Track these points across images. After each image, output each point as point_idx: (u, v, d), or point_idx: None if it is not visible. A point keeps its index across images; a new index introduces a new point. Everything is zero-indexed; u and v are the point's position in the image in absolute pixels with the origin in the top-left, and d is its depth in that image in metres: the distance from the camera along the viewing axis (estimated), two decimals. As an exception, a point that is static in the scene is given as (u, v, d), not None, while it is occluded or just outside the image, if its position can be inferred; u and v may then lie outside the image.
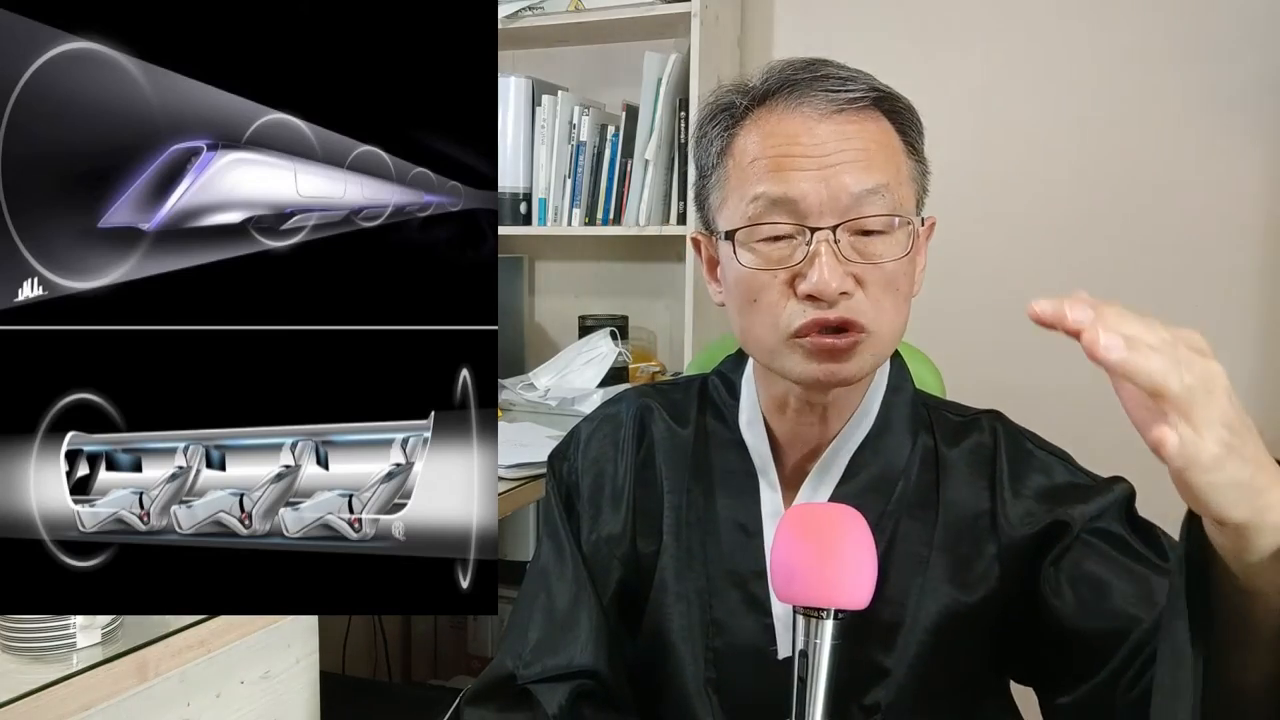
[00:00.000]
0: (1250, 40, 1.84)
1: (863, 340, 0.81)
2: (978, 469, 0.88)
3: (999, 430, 0.91)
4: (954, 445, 0.90)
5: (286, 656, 0.99)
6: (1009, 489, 0.87)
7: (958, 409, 0.95)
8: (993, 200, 2.02)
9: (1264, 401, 1.88)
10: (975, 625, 0.85)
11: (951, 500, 0.87)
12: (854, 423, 0.89)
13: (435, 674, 2.37)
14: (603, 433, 0.99)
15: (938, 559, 0.85)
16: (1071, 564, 0.81)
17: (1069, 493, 0.86)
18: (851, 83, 0.83)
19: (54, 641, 0.80)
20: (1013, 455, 0.89)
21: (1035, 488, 0.87)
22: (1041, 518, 0.84)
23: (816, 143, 0.81)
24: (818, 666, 0.72)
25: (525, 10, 2.11)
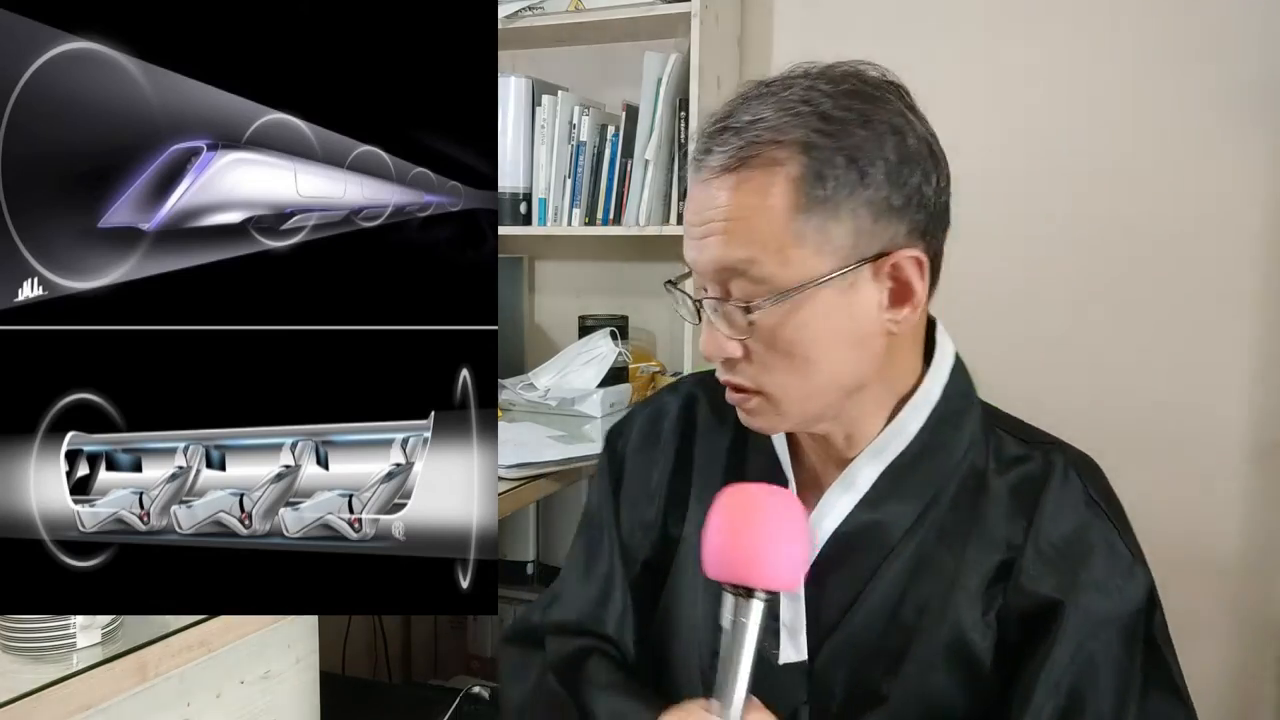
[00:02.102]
0: (1250, 40, 1.84)
1: (758, 402, 0.81)
2: (1019, 504, 0.82)
3: (1056, 464, 0.83)
4: (1003, 474, 0.84)
5: (286, 656, 0.99)
6: (1038, 538, 0.81)
7: (1025, 433, 0.88)
8: (992, 201, 2.01)
9: (1264, 401, 1.88)
10: (981, 670, 0.81)
11: (984, 534, 0.82)
12: (883, 442, 0.84)
13: (435, 674, 2.37)
14: (652, 421, 0.99)
15: (958, 593, 0.81)
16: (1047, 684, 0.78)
17: (1085, 565, 0.80)
18: (734, 138, 0.76)
19: (54, 641, 0.80)
20: (1058, 499, 0.82)
21: (1060, 542, 0.81)
22: (1043, 590, 0.80)
23: (698, 209, 0.79)
24: (741, 645, 0.73)
25: (525, 10, 2.11)
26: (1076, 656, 0.78)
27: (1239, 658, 1.93)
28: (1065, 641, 0.78)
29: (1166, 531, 1.95)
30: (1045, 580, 0.80)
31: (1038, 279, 2.00)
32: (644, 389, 2.14)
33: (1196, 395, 1.91)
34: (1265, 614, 1.90)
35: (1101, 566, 0.80)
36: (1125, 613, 0.80)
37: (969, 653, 0.81)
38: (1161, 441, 1.93)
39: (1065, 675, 0.78)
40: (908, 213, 0.77)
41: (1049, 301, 1.99)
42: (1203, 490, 1.91)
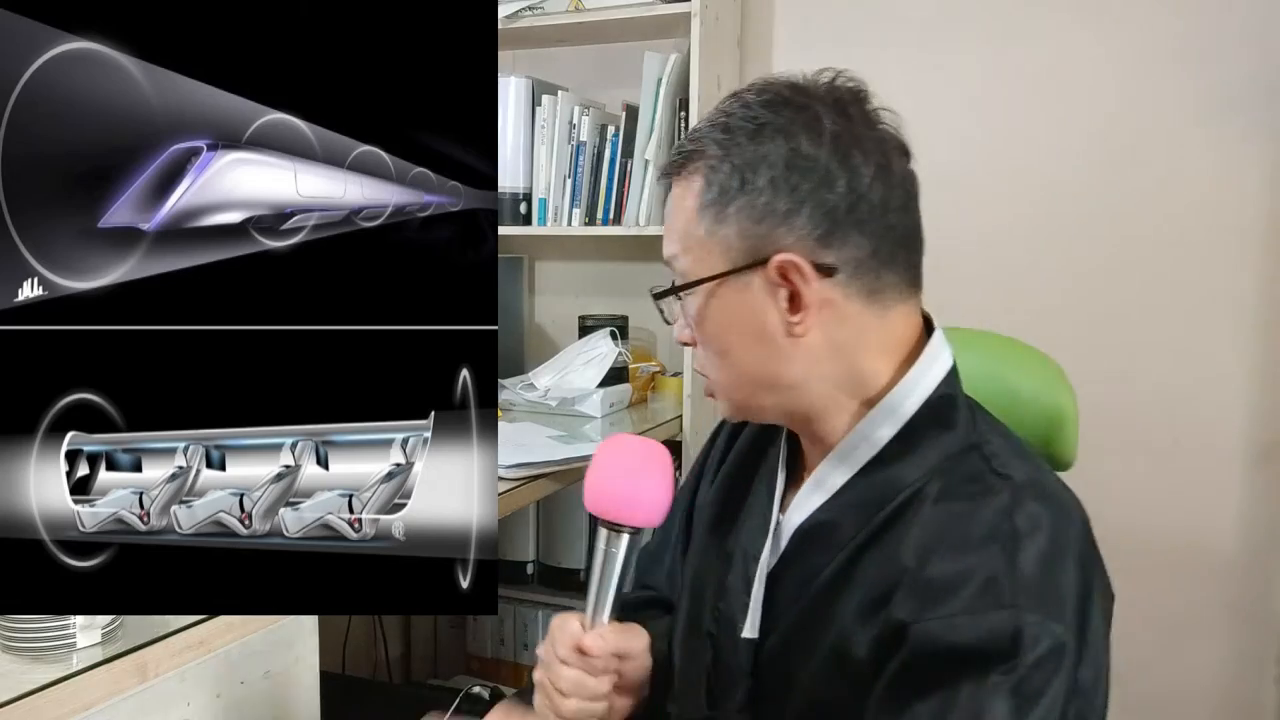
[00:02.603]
0: (1250, 41, 1.84)
1: (712, 388, 0.89)
2: (935, 532, 0.79)
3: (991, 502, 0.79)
4: (941, 499, 0.81)
5: (286, 656, 0.99)
6: (928, 565, 0.77)
7: (1004, 460, 0.83)
8: (990, 201, 2.02)
9: (1264, 401, 1.88)
10: (861, 686, 0.79)
11: (894, 556, 0.80)
12: (849, 446, 0.85)
13: (435, 674, 2.37)
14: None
15: (854, 605, 0.81)
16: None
17: (953, 596, 0.75)
18: (676, 151, 0.86)
19: (54, 641, 0.80)
20: (965, 535, 0.78)
21: (949, 574, 0.76)
22: (909, 612, 0.76)
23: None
24: (609, 574, 0.87)
25: (525, 10, 2.11)
26: (907, 681, 0.75)
27: (1239, 657, 1.93)
28: (901, 664, 0.76)
29: (1166, 531, 1.96)
30: (906, 606, 0.77)
31: (1036, 279, 2.00)
32: (644, 389, 2.14)
33: (1196, 395, 1.91)
34: (1265, 613, 1.91)
35: (965, 599, 0.74)
36: (971, 648, 0.73)
37: (852, 666, 0.80)
38: (1161, 441, 1.94)
39: (889, 699, 0.76)
40: (797, 218, 0.79)
41: (1048, 301, 1.99)
42: (1202, 490, 1.91)
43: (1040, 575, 0.75)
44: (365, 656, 2.17)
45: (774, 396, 0.86)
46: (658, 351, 2.29)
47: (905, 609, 0.76)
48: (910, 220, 0.84)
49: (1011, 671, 0.72)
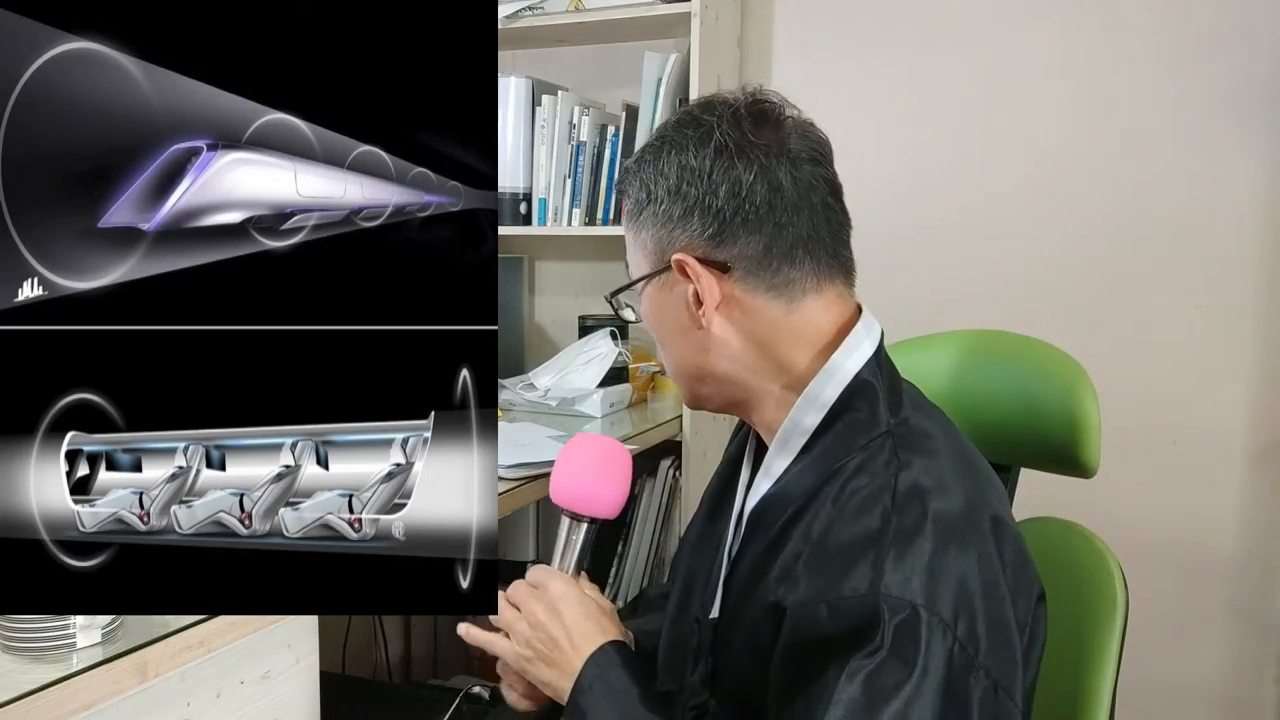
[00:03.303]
0: (1250, 40, 1.84)
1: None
2: (829, 516, 0.82)
3: (884, 487, 0.81)
4: (844, 482, 0.83)
5: (286, 656, 0.99)
6: (812, 551, 0.80)
7: (910, 444, 0.84)
8: (990, 201, 2.02)
9: (1264, 401, 1.88)
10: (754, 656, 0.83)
11: (798, 537, 0.83)
12: (784, 435, 0.90)
13: (435, 674, 2.37)
14: None
15: (766, 585, 0.83)
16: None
17: (827, 570, 0.77)
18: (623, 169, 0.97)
19: (54, 641, 0.80)
20: (853, 521, 0.80)
21: (820, 558, 0.79)
22: (785, 591, 0.79)
23: None
24: (570, 558, 1.00)
25: (525, 10, 2.11)
26: (783, 670, 0.77)
27: (1239, 658, 1.93)
28: (778, 650, 0.78)
29: (1166, 531, 1.96)
30: (789, 591, 0.79)
31: (1036, 279, 2.00)
32: (644, 389, 2.14)
33: (1196, 395, 1.91)
34: (1265, 614, 1.91)
35: (841, 584, 0.76)
36: (835, 633, 0.75)
37: (759, 645, 0.82)
38: (1162, 442, 1.94)
39: (777, 688, 0.78)
40: (689, 222, 0.88)
41: (1048, 301, 1.99)
42: (1203, 490, 1.92)
43: (911, 562, 0.75)
44: (365, 656, 2.17)
45: (709, 387, 0.94)
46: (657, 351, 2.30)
47: (782, 590, 0.80)
48: (815, 218, 0.88)
49: (871, 655, 0.72)
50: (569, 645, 0.93)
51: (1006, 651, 0.77)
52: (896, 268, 1.96)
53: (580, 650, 0.92)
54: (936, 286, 1.99)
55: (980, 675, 0.74)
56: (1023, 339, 1.19)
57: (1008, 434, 1.10)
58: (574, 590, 0.97)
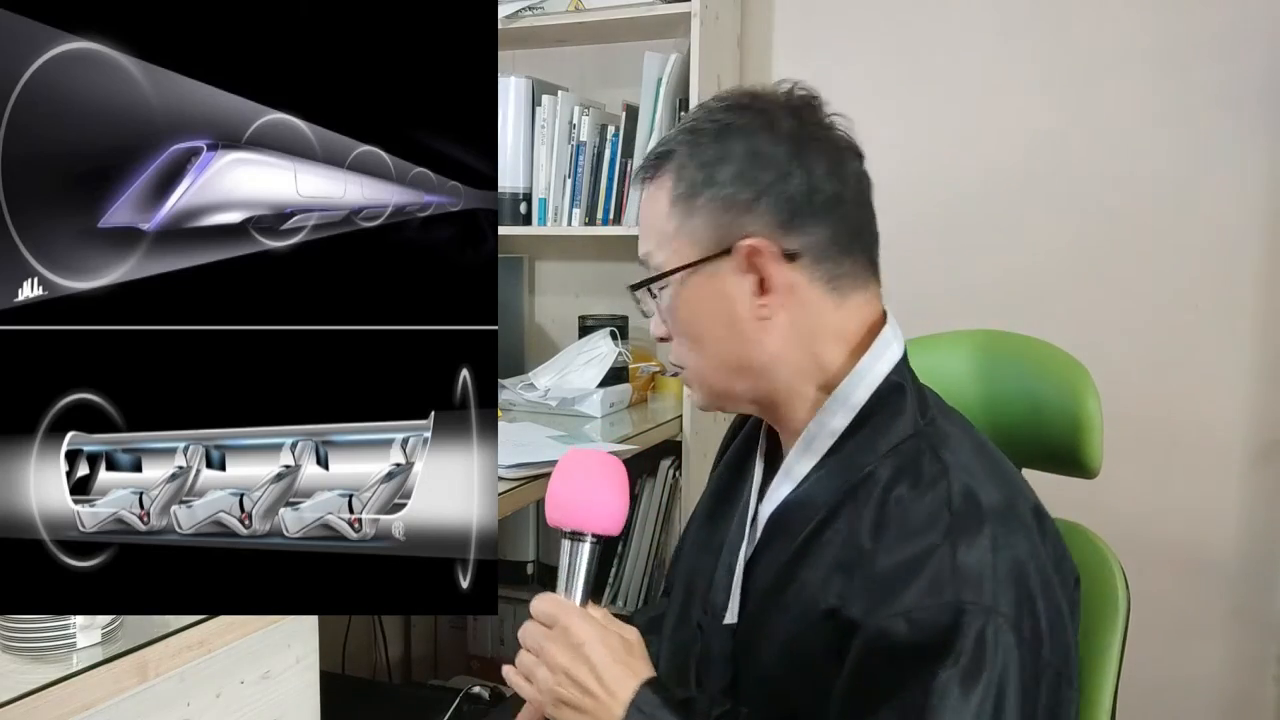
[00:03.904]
0: (1250, 40, 1.84)
1: (684, 376, 0.94)
2: (879, 521, 0.82)
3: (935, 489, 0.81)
4: (887, 487, 0.82)
5: (286, 656, 0.99)
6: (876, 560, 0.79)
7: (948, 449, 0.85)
8: (990, 200, 2.02)
9: (1264, 401, 1.88)
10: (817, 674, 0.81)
11: (846, 543, 0.82)
12: (809, 435, 0.89)
13: (435, 674, 2.37)
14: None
15: (807, 593, 0.83)
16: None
17: (904, 587, 0.77)
18: (648, 155, 0.91)
19: (54, 641, 0.80)
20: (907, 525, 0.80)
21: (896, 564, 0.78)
22: (862, 608, 0.78)
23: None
24: (575, 583, 0.88)
25: (525, 10, 2.11)
26: (862, 682, 0.77)
27: (1239, 658, 1.93)
28: (853, 663, 0.77)
29: (1166, 531, 1.96)
30: (856, 601, 0.78)
31: (1036, 279, 2.00)
32: (644, 389, 2.14)
33: (1196, 395, 1.91)
34: (1265, 614, 1.91)
35: (909, 596, 0.76)
36: (913, 645, 0.75)
37: (805, 654, 0.82)
38: (1161, 442, 1.94)
39: (851, 700, 0.77)
40: (759, 206, 0.85)
41: (1047, 301, 1.98)
42: (1203, 490, 1.91)
43: (977, 563, 0.76)
44: (365, 656, 2.17)
45: (745, 382, 0.90)
46: (658, 351, 2.30)
47: (857, 606, 0.78)
48: (863, 215, 0.90)
49: (955, 663, 0.73)
50: (603, 693, 0.84)
51: (1063, 640, 0.79)
52: (895, 267, 1.95)
53: (617, 697, 0.83)
54: (934, 286, 1.99)
55: (1047, 669, 0.76)
56: (1024, 339, 1.19)
57: (1010, 434, 1.10)
58: (593, 627, 0.86)
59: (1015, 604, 0.76)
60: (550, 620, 0.87)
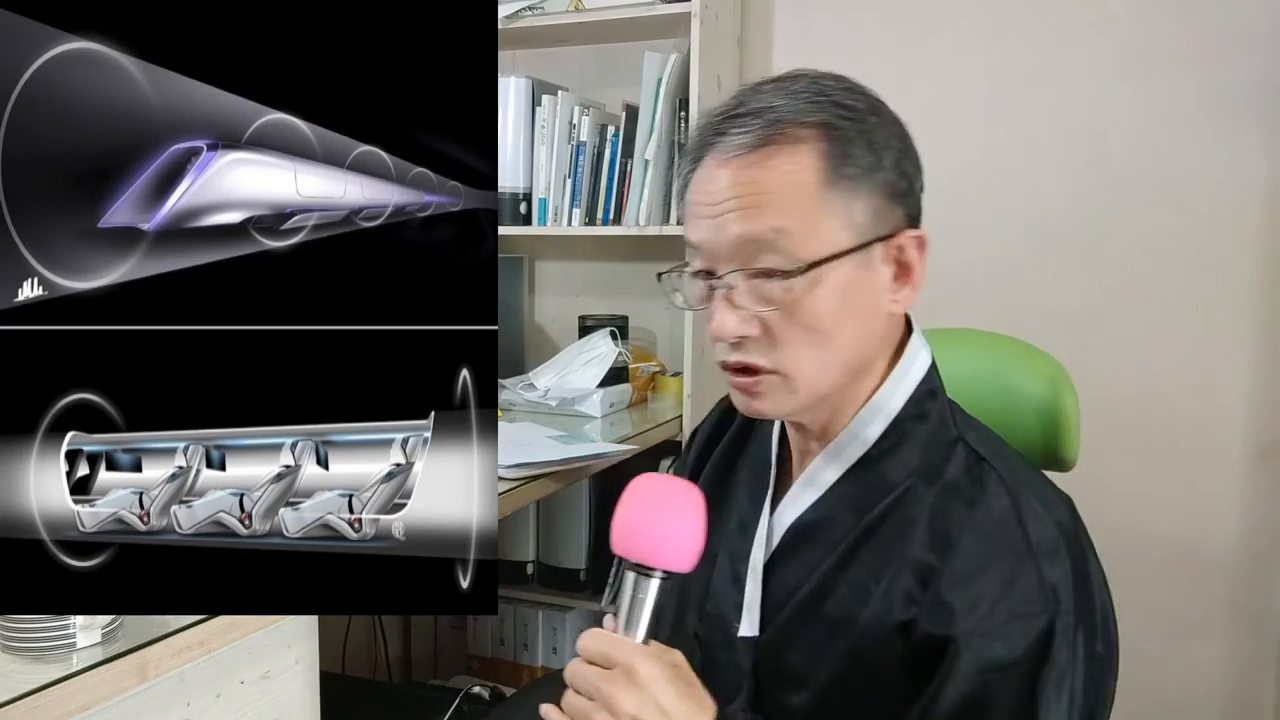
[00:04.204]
0: (1251, 40, 1.84)
1: (770, 382, 0.83)
2: (942, 530, 0.81)
3: (991, 496, 0.82)
4: (939, 496, 0.83)
5: (286, 656, 0.99)
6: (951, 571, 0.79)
7: (989, 452, 0.86)
8: (991, 199, 2.02)
9: (1264, 401, 1.88)
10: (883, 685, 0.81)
11: (904, 555, 0.82)
12: (841, 443, 0.87)
13: (435, 674, 2.37)
14: (706, 416, 1.10)
15: (870, 606, 0.82)
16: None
17: (996, 606, 0.78)
18: (753, 120, 0.81)
19: (54, 641, 0.80)
20: (978, 534, 0.80)
21: (978, 582, 0.79)
22: (943, 621, 0.78)
23: (713, 189, 0.82)
24: (637, 620, 0.79)
25: (525, 10, 2.11)
26: (965, 699, 0.77)
27: (1239, 657, 1.93)
28: (954, 682, 0.77)
29: (1166, 531, 1.96)
30: (942, 617, 0.78)
31: (1037, 278, 2.00)
32: (644, 389, 2.14)
33: (1196, 395, 1.91)
34: (1265, 614, 1.91)
35: (1003, 609, 0.77)
36: (1016, 659, 0.77)
37: (866, 665, 0.82)
38: (1161, 441, 1.94)
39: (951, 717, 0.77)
40: (909, 198, 0.84)
41: (1048, 301, 1.98)
42: (1203, 490, 1.91)
43: (1056, 571, 0.79)
44: (365, 656, 2.17)
45: (853, 383, 0.85)
46: (658, 351, 2.29)
47: (941, 623, 0.78)
48: None
49: (1052, 670, 0.77)
50: None
51: (1113, 634, 0.83)
52: (896, 268, 1.95)
53: None
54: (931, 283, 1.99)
55: (1103, 663, 0.81)
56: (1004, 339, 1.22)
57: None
58: (656, 666, 0.77)
59: (1087, 608, 0.79)
60: (607, 660, 0.77)
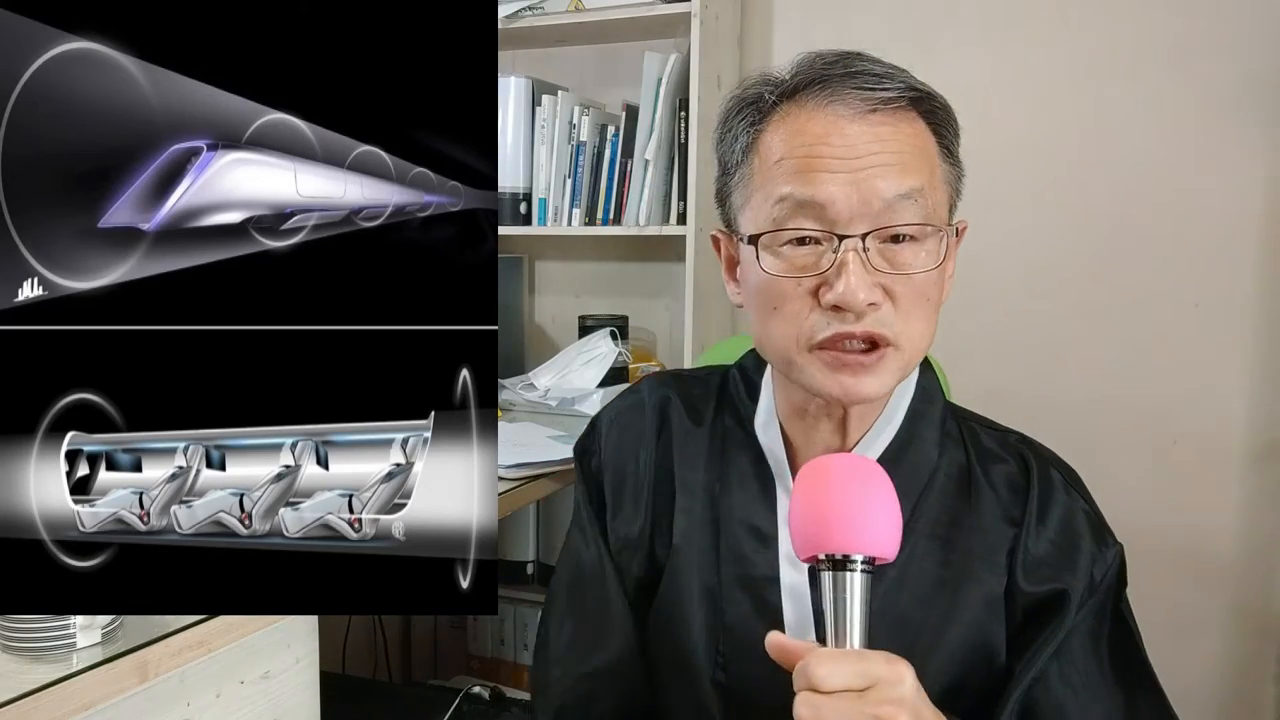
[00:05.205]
0: (1250, 40, 1.84)
1: (888, 355, 0.78)
2: (1010, 500, 0.86)
3: (1030, 461, 0.87)
4: (988, 468, 0.87)
5: (286, 656, 0.99)
6: (1034, 532, 0.84)
7: (989, 424, 0.92)
8: (992, 200, 2.02)
9: (1264, 401, 1.88)
10: (978, 658, 0.83)
11: (980, 527, 0.84)
12: (875, 432, 0.86)
13: (435, 674, 2.37)
14: (623, 424, 0.97)
15: (956, 585, 0.83)
16: (1044, 688, 0.81)
17: (1078, 547, 0.85)
18: (887, 80, 0.79)
19: (54, 641, 0.80)
20: (1043, 493, 0.86)
21: (1053, 533, 0.85)
22: (1047, 577, 0.83)
23: (847, 144, 0.77)
24: (850, 625, 0.67)
25: (525, 10, 2.11)
26: (1093, 631, 0.84)
27: (1238, 657, 1.93)
28: (1066, 624, 0.82)
29: (1166, 531, 1.96)
30: (1046, 575, 0.83)
31: (1036, 278, 2.00)
32: (644, 389, 2.14)
33: (1196, 395, 1.91)
34: (1264, 613, 1.91)
35: (1089, 546, 0.84)
36: (1103, 586, 0.84)
37: (986, 644, 0.83)
38: (1161, 441, 1.94)
39: (1051, 695, 0.81)
40: (957, 189, 0.85)
41: (1048, 301, 1.99)
42: (1202, 490, 1.91)
43: (1094, 500, 0.88)
44: (365, 656, 2.17)
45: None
46: (658, 351, 2.29)
47: (1045, 578, 0.83)
48: None
49: (1125, 600, 0.86)
50: None
51: None
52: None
53: None
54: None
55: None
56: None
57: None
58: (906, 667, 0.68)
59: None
60: (865, 679, 0.66)
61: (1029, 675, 0.80)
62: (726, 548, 0.88)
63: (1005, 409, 0.97)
